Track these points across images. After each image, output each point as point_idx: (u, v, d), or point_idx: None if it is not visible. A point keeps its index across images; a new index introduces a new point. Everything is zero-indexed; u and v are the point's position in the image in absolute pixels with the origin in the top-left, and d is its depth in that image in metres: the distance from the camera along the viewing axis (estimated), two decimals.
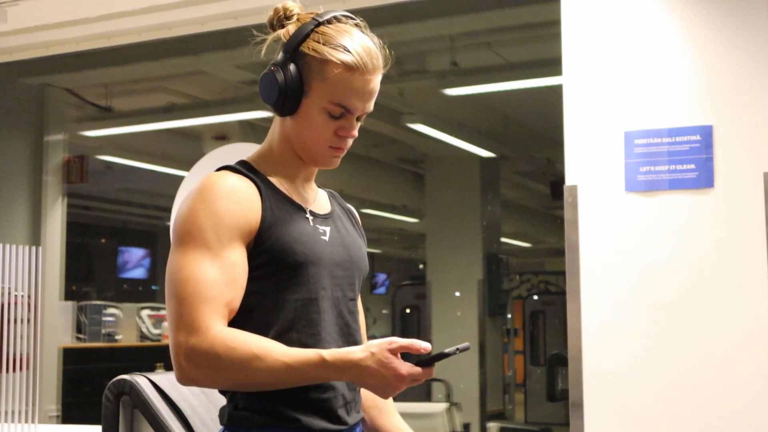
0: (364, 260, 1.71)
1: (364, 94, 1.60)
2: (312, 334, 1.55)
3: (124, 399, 2.05)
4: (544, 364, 9.39)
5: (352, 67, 1.56)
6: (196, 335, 1.46)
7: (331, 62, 1.55)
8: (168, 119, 6.95)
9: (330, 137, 1.60)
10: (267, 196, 1.57)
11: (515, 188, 10.69)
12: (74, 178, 5.97)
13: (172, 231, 1.58)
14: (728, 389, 2.85)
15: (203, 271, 1.49)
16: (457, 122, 7.66)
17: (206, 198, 1.53)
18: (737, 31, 2.96)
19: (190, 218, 1.53)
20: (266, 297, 1.54)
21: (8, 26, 4.15)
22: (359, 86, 1.58)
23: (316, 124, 1.58)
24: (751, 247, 2.86)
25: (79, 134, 6.77)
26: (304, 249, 1.56)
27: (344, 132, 1.60)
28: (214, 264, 1.50)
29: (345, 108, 1.58)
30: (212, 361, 1.45)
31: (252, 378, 1.46)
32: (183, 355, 1.46)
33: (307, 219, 1.61)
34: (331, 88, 1.56)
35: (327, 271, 1.59)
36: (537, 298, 10.31)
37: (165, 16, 4.03)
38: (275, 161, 1.64)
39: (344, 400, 1.58)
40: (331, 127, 1.59)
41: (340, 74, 1.55)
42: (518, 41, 5.74)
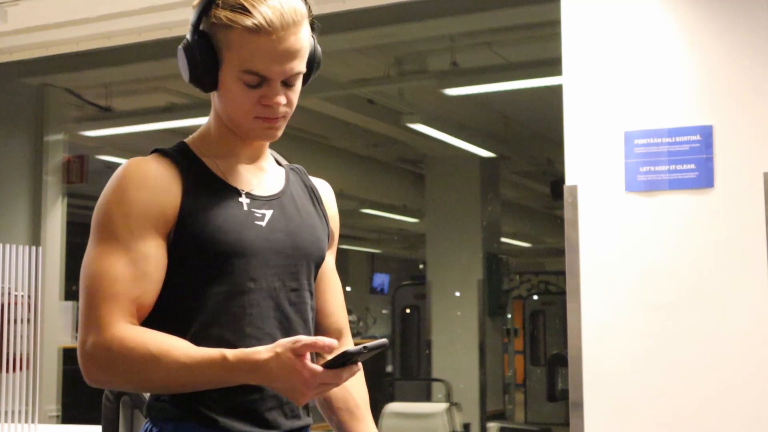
0: (315, 244, 1.55)
1: (278, 55, 1.42)
2: (235, 330, 1.43)
3: (124, 399, 2.05)
4: (544, 364, 9.39)
5: (255, 28, 1.40)
6: (95, 334, 1.37)
7: (232, 27, 1.41)
8: (168, 119, 6.95)
9: (252, 107, 1.46)
10: (190, 181, 1.46)
11: (515, 188, 10.69)
12: (74, 178, 5.97)
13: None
14: (728, 389, 2.85)
15: (109, 266, 1.40)
16: (457, 122, 7.66)
17: (118, 187, 1.44)
18: (737, 31, 2.96)
19: (101, 209, 1.45)
20: (187, 290, 1.44)
21: (8, 26, 4.14)
22: (269, 48, 1.41)
23: (235, 95, 1.46)
24: (751, 247, 2.86)
25: (79, 134, 6.77)
26: (228, 237, 1.44)
27: (267, 100, 1.45)
28: (122, 257, 1.40)
29: (259, 75, 1.43)
30: (110, 362, 1.37)
31: (151, 380, 1.37)
32: (83, 355, 1.39)
33: (241, 203, 1.48)
34: (238, 56, 1.42)
35: (259, 260, 1.46)
36: (537, 298, 10.32)
37: (165, 16, 4.02)
38: (213, 140, 1.53)
39: (278, 401, 1.46)
40: (252, 97, 1.45)
41: (245, 39, 1.41)
42: (518, 41, 5.75)
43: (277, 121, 1.48)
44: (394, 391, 8.55)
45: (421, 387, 8.58)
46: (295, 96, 1.50)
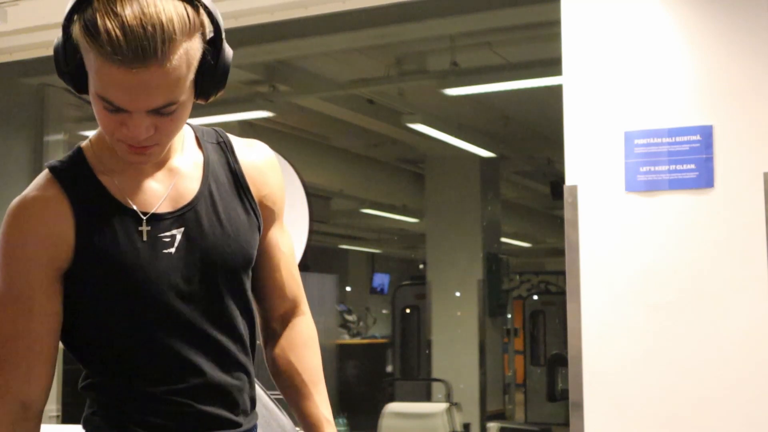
0: (238, 254, 1.37)
1: (133, 89, 1.17)
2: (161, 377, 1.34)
3: None
4: (544, 364, 9.39)
5: (105, 53, 1.15)
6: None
7: (91, 46, 1.18)
8: None
9: (115, 129, 1.25)
10: (83, 213, 1.29)
11: (515, 188, 10.69)
12: None
13: None
14: (728, 389, 2.85)
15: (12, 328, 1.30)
16: (457, 122, 7.66)
17: (3, 234, 1.29)
18: (737, 30, 2.96)
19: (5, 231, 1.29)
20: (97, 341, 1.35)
21: (8, 26, 4.14)
22: (122, 79, 1.17)
23: (97, 111, 1.26)
24: (751, 247, 2.86)
25: (79, 134, 6.77)
26: (130, 282, 1.29)
27: (127, 131, 1.23)
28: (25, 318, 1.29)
29: (113, 104, 1.21)
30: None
31: None
32: None
33: (141, 233, 1.30)
34: (93, 78, 1.22)
35: (171, 295, 1.32)
36: (537, 298, 10.32)
37: None
38: (108, 147, 1.33)
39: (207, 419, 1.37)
40: (113, 120, 1.24)
41: (98, 62, 1.18)
42: (518, 41, 5.74)
43: (146, 149, 1.27)
44: (394, 391, 8.55)
45: (421, 387, 8.58)
46: (171, 123, 1.25)
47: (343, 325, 11.16)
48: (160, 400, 1.34)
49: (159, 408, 1.34)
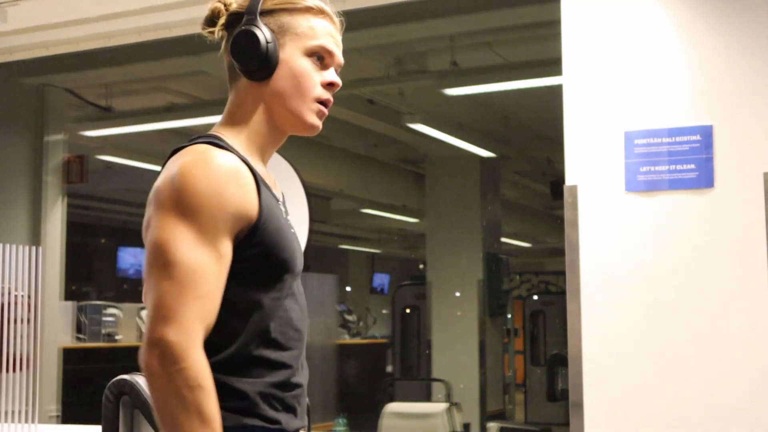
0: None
1: (335, 39, 1.57)
2: (282, 335, 1.44)
3: (124, 399, 2.05)
4: (544, 364, 9.39)
5: (317, 9, 1.54)
6: (177, 334, 1.29)
7: (298, 10, 1.52)
8: (168, 119, 6.95)
9: (315, 87, 1.51)
10: (258, 186, 1.43)
11: (515, 188, 10.69)
12: (74, 178, 5.96)
13: (160, 193, 1.39)
14: (728, 389, 2.85)
15: (200, 260, 1.33)
16: (457, 122, 7.66)
17: (214, 177, 1.36)
18: (737, 31, 2.96)
19: (191, 189, 1.35)
20: (239, 298, 1.40)
21: (8, 26, 4.14)
22: (330, 30, 1.56)
23: (302, 72, 1.50)
24: (751, 247, 2.86)
25: (79, 134, 6.77)
26: (287, 252, 1.44)
27: (327, 81, 1.53)
28: (211, 254, 1.34)
29: (322, 53, 1.53)
30: (175, 386, 1.28)
31: (183, 422, 1.28)
32: (154, 344, 1.29)
33: (282, 212, 1.50)
34: (305, 37, 1.51)
35: (297, 265, 1.49)
36: (537, 298, 10.32)
37: (165, 16, 4.02)
38: (247, 140, 1.51)
39: (303, 394, 1.51)
40: (315, 78, 1.52)
41: (308, 19, 1.52)
42: (518, 41, 5.74)
43: (326, 112, 1.54)
44: (394, 391, 8.55)
45: (421, 387, 8.58)
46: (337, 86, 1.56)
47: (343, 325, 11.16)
48: (292, 367, 1.47)
49: (293, 376, 1.46)
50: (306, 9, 1.52)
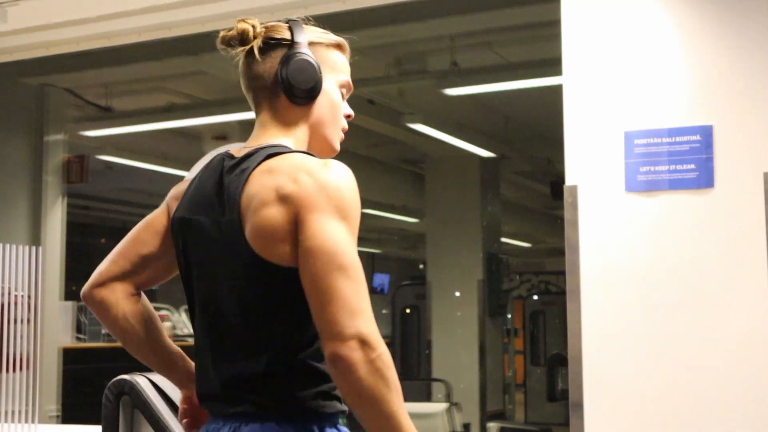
0: None
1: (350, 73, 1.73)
2: None
3: (124, 399, 2.05)
4: (544, 364, 9.39)
5: (344, 47, 1.71)
6: (371, 328, 1.41)
7: (330, 45, 1.70)
8: (168, 119, 6.95)
9: (342, 116, 1.72)
10: None
11: (515, 188, 10.69)
12: (74, 178, 5.97)
13: (311, 199, 1.48)
14: (728, 389, 2.85)
15: (358, 258, 1.47)
16: (457, 122, 7.66)
17: (354, 183, 1.55)
18: (737, 31, 2.96)
19: (348, 197, 1.50)
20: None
21: (8, 26, 4.14)
22: (347, 65, 1.72)
23: (337, 103, 1.69)
24: (751, 247, 2.86)
25: (79, 134, 6.77)
26: None
27: (347, 113, 1.73)
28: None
29: (347, 87, 1.71)
30: (383, 366, 1.40)
31: (388, 411, 1.42)
32: (353, 339, 1.38)
33: None
34: (338, 71, 1.69)
35: None
36: (537, 298, 10.32)
37: (165, 16, 4.02)
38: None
39: None
40: (341, 108, 1.71)
41: (338, 56, 1.70)
42: (518, 41, 5.75)
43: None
44: None
45: (421, 387, 8.58)
46: None
47: None
48: None
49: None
50: (336, 45, 1.70)
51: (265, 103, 1.67)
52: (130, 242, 1.72)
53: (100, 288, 1.71)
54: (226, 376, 1.52)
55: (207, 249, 1.57)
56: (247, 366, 1.50)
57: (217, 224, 1.55)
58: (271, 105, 1.66)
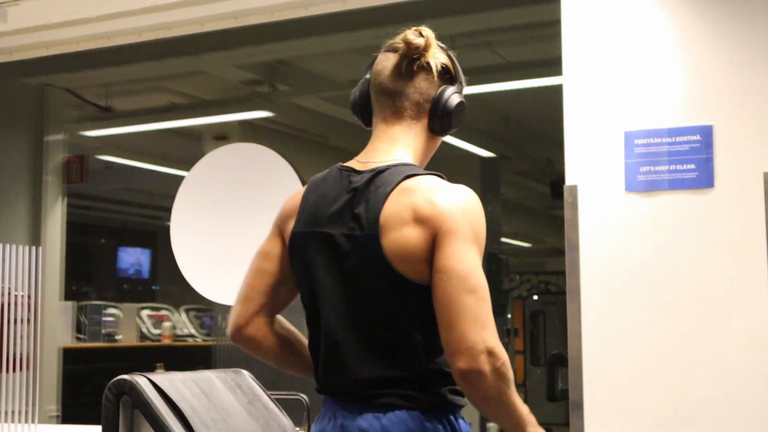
0: None
1: None
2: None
3: (124, 399, 2.05)
4: (544, 364, 9.39)
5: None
6: (494, 338, 1.59)
7: (463, 83, 1.89)
8: (168, 119, 6.94)
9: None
10: None
11: (515, 188, 10.68)
12: (74, 178, 5.97)
13: (455, 223, 1.63)
14: (728, 389, 2.85)
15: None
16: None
17: (482, 210, 1.71)
18: (737, 31, 2.96)
19: (481, 225, 1.66)
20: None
21: (8, 26, 4.15)
22: None
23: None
24: (751, 247, 2.86)
25: (79, 134, 6.76)
26: None
27: None
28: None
29: None
30: (502, 375, 1.58)
31: (509, 403, 1.61)
32: (484, 352, 1.56)
33: None
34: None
35: None
36: (537, 298, 10.31)
37: (165, 16, 4.03)
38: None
39: None
40: None
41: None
42: (518, 41, 5.74)
43: None
44: None
45: None
46: None
47: None
48: None
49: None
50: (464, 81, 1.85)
51: (399, 116, 1.76)
52: (255, 277, 1.84)
53: (245, 328, 1.83)
54: (367, 375, 1.66)
55: (339, 260, 1.68)
56: (392, 369, 1.65)
57: (352, 238, 1.66)
58: (408, 122, 1.76)
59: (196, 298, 5.59)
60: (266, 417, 2.28)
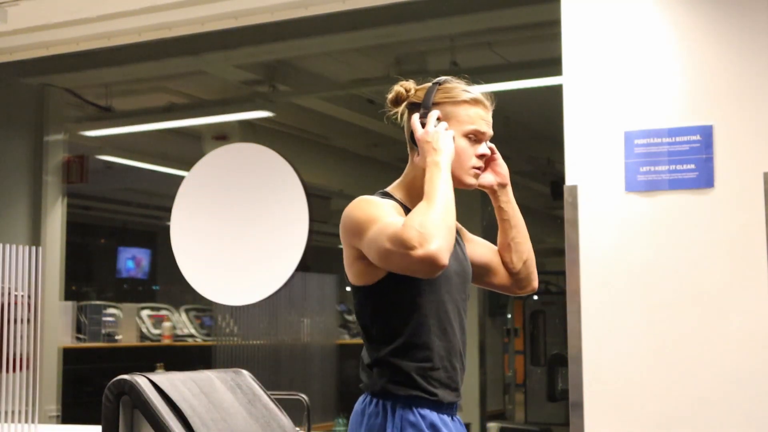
0: (470, 268, 2.11)
1: (485, 119, 2.09)
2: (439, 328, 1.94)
3: (124, 399, 2.05)
4: (544, 364, 9.38)
5: (474, 100, 2.06)
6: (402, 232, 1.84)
7: (459, 102, 2.04)
8: (168, 119, 6.94)
9: (471, 158, 2.05)
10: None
11: (515, 188, 10.67)
12: (74, 178, 5.97)
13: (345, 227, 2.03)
14: (728, 389, 2.85)
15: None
16: None
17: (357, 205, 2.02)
18: (737, 31, 2.96)
19: (355, 215, 2.00)
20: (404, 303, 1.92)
21: (8, 26, 4.15)
22: (481, 114, 2.07)
23: (460, 150, 2.02)
24: (751, 247, 2.86)
25: (79, 134, 6.76)
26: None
27: (479, 153, 2.06)
28: None
29: (476, 134, 2.04)
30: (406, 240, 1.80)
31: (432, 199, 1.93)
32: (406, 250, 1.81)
33: None
34: (463, 122, 2.04)
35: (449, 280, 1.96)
36: (537, 298, 10.31)
37: (165, 16, 4.03)
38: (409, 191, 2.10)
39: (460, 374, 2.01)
40: (471, 151, 2.05)
41: (468, 109, 2.05)
42: (518, 41, 5.74)
43: (480, 173, 2.09)
44: None
45: None
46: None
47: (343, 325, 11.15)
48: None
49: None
50: (464, 101, 2.03)
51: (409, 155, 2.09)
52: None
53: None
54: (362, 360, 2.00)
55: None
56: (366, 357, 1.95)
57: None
58: (410, 155, 2.10)
59: (196, 298, 5.60)
60: (266, 417, 2.28)
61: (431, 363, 1.90)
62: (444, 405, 1.93)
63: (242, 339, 5.68)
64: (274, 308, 5.74)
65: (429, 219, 1.84)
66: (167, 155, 7.92)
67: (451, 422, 1.96)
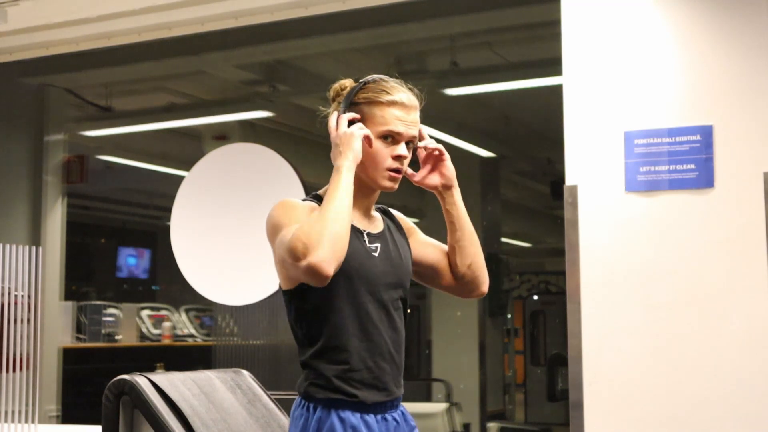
0: (407, 268, 2.06)
1: (403, 120, 2.04)
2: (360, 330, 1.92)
3: (124, 399, 2.05)
4: (544, 364, 9.38)
5: (390, 102, 2.02)
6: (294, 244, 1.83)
7: (376, 103, 2.01)
8: (168, 119, 6.94)
9: (387, 159, 2.00)
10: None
11: (515, 188, 10.68)
12: (74, 178, 5.97)
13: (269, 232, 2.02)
14: (728, 389, 2.85)
15: None
16: (457, 122, 7.65)
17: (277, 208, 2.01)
18: (737, 31, 2.96)
19: (274, 218, 1.98)
20: (323, 305, 1.90)
21: (8, 26, 4.15)
22: (398, 115, 2.03)
23: (372, 151, 1.99)
24: (751, 247, 2.86)
25: (79, 134, 6.76)
26: (353, 264, 1.92)
27: (395, 154, 2.00)
28: None
29: (391, 135, 2.00)
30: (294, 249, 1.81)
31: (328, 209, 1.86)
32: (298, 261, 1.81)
33: (363, 240, 1.98)
34: (378, 123, 2.01)
35: (374, 280, 1.95)
36: (537, 298, 10.31)
37: (165, 16, 4.03)
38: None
39: (392, 375, 1.94)
40: (387, 152, 2.00)
41: (384, 109, 2.01)
42: (518, 41, 5.74)
43: (398, 176, 2.03)
44: None
45: (421, 387, 8.57)
46: (409, 156, 2.05)
47: None
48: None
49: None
50: (380, 102, 2.00)
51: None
52: None
53: None
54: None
55: None
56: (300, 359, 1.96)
57: None
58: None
59: (196, 298, 5.60)
60: (266, 417, 2.28)
61: (349, 365, 1.89)
62: (369, 406, 1.90)
63: (242, 339, 5.69)
64: (274, 308, 5.74)
65: (314, 229, 1.81)
66: (167, 155, 7.92)
67: (380, 422, 1.92)
